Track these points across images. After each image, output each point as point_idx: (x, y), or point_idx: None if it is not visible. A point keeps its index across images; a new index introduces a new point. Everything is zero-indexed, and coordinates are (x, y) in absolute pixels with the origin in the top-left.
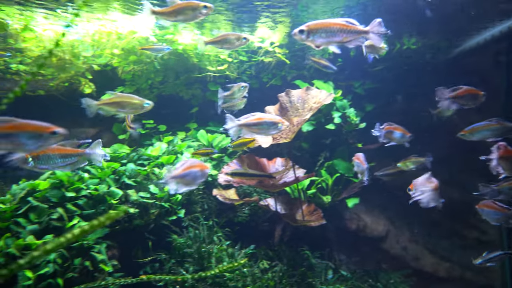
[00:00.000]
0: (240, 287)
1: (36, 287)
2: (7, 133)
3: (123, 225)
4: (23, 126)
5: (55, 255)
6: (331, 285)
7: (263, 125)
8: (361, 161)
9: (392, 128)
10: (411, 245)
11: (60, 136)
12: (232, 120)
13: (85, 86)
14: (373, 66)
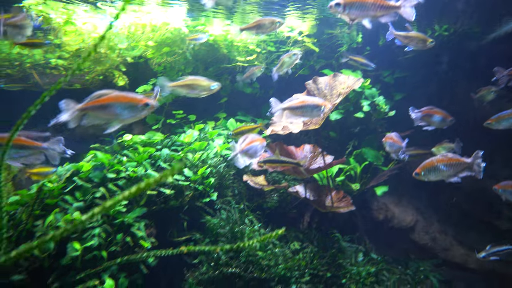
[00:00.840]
0: (273, 265)
1: (83, 258)
2: (105, 105)
3: (159, 205)
4: (119, 98)
5: (99, 229)
6: (362, 267)
7: (307, 108)
8: (395, 140)
9: (432, 111)
10: (440, 236)
11: (152, 108)
12: (277, 104)
13: (119, 78)
14: (403, 54)
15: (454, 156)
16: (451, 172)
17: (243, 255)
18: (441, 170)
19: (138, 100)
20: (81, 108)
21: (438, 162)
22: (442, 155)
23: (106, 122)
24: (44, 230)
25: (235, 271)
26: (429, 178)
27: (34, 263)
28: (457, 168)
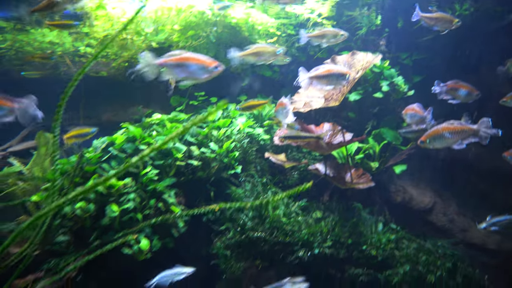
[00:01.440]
0: (296, 230)
1: (120, 219)
2: (181, 63)
3: (187, 176)
4: (193, 58)
5: (134, 194)
6: (382, 235)
7: (332, 77)
8: (417, 110)
9: (457, 85)
10: (458, 218)
11: (220, 71)
12: (304, 73)
13: None
14: (422, 36)
15: (459, 124)
16: (456, 139)
17: (268, 221)
18: (446, 137)
19: (209, 63)
20: (160, 63)
21: (443, 130)
22: (448, 123)
23: (180, 79)
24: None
25: (260, 235)
26: (434, 145)
27: (77, 223)
28: (462, 135)
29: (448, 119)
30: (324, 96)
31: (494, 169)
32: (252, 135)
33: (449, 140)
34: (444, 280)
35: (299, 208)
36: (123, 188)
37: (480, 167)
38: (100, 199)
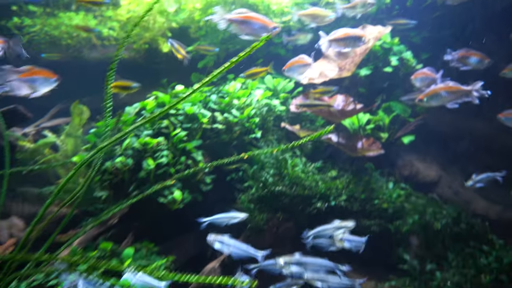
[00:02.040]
0: (314, 186)
1: (155, 172)
2: (246, 21)
3: (212, 139)
4: (256, 18)
5: (167, 151)
6: (392, 191)
7: (349, 39)
8: (428, 73)
9: (469, 53)
10: (463, 190)
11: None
12: (324, 37)
13: (164, 45)
14: (430, 14)
15: (455, 84)
16: (451, 98)
17: (287, 178)
18: (442, 96)
19: (269, 23)
20: (229, 18)
21: (440, 90)
22: (445, 84)
23: (244, 34)
24: (122, 151)
25: (281, 189)
26: (430, 103)
27: (117, 176)
28: (457, 94)
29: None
30: (338, 65)
31: (499, 145)
32: (269, 106)
33: (445, 98)
34: (449, 227)
35: (315, 169)
36: (157, 146)
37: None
38: (137, 155)
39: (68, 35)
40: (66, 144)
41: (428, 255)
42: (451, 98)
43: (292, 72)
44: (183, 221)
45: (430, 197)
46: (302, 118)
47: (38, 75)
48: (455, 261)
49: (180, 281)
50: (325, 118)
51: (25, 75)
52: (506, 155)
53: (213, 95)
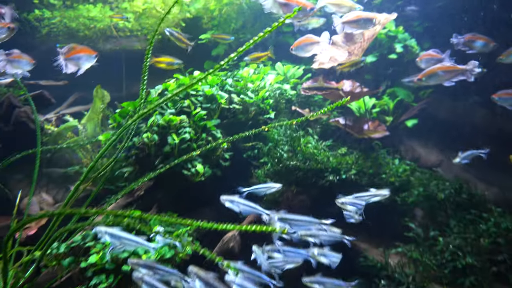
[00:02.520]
0: (325, 161)
1: (179, 147)
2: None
3: (229, 119)
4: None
5: (189, 128)
6: (399, 166)
7: (361, 21)
8: (433, 55)
9: (475, 37)
10: (462, 173)
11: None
12: (338, 19)
13: None
14: (434, 4)
15: (451, 64)
16: (448, 76)
17: (301, 154)
18: (439, 75)
19: (307, 5)
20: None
21: (438, 69)
22: (441, 64)
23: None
24: (148, 128)
25: (295, 164)
26: (429, 82)
27: (143, 151)
28: (453, 73)
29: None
30: (347, 49)
31: (498, 131)
32: (281, 89)
33: (442, 77)
34: (452, 197)
35: (326, 146)
36: (180, 123)
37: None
38: (161, 131)
39: (85, 27)
40: (86, 128)
41: (431, 224)
42: (447, 77)
43: (300, 51)
44: (204, 195)
45: (433, 171)
46: (310, 103)
47: (82, 53)
48: (457, 228)
49: (218, 229)
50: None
51: (71, 54)
52: (503, 139)
53: (229, 79)
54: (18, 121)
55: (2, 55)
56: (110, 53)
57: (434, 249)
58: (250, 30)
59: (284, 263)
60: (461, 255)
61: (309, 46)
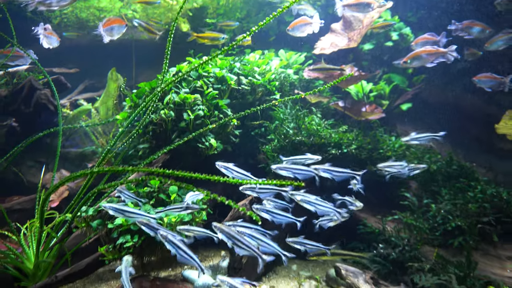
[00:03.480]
0: (328, 137)
1: (193, 122)
2: None
3: (238, 100)
4: None
5: (203, 106)
6: (395, 142)
7: (361, 5)
8: (429, 38)
9: (472, 24)
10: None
11: None
12: (339, 2)
13: (183, 25)
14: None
15: (433, 48)
16: (430, 59)
17: (305, 131)
18: (423, 57)
19: None
20: None
21: (421, 52)
22: (424, 47)
23: None
24: (164, 105)
25: (300, 139)
26: (413, 64)
27: (160, 126)
28: (434, 55)
29: None
30: (348, 35)
31: (485, 116)
32: (285, 73)
33: (425, 59)
34: (443, 168)
35: (328, 125)
36: (194, 101)
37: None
38: (177, 109)
39: (95, 17)
40: (99, 111)
41: (425, 193)
42: (430, 59)
43: (296, 31)
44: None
45: (427, 146)
46: (311, 88)
47: (114, 24)
48: (448, 195)
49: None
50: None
51: (105, 25)
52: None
53: (237, 63)
54: (39, 103)
55: (42, 28)
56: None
57: (427, 215)
58: (254, 19)
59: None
60: (451, 219)
61: (303, 27)
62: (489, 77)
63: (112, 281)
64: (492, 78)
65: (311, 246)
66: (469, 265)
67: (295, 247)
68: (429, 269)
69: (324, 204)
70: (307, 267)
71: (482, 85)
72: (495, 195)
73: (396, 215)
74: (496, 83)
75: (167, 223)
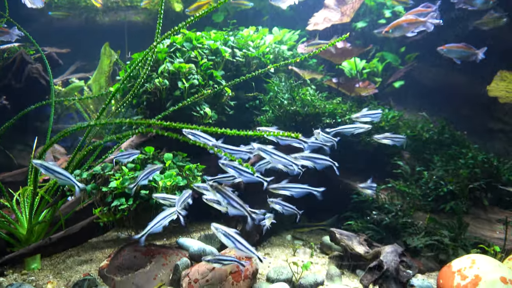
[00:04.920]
0: (322, 107)
1: (188, 91)
2: None
3: (233, 72)
4: None
5: (197, 76)
6: (388, 113)
7: None
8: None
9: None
10: None
11: None
12: None
13: (175, 4)
14: None
15: (413, 17)
16: (410, 27)
17: (299, 102)
18: (404, 27)
19: None
20: None
21: (403, 22)
22: (405, 17)
23: None
24: (158, 75)
25: (295, 109)
26: (394, 34)
27: (155, 95)
28: (415, 25)
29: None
30: (341, 10)
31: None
32: (279, 48)
33: (406, 28)
34: (435, 136)
35: (323, 97)
36: (189, 70)
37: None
38: (172, 78)
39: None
40: (92, 89)
41: (417, 162)
42: (410, 28)
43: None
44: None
45: (420, 115)
46: (305, 66)
47: None
48: (440, 162)
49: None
50: (328, 59)
51: None
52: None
53: (231, 36)
54: (30, 77)
55: None
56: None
57: (419, 182)
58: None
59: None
60: (443, 184)
61: None
62: (461, 47)
63: (107, 249)
64: (464, 48)
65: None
66: (460, 226)
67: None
68: (422, 232)
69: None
70: (301, 237)
71: (450, 55)
72: (486, 161)
73: (390, 184)
74: (467, 53)
75: (162, 187)
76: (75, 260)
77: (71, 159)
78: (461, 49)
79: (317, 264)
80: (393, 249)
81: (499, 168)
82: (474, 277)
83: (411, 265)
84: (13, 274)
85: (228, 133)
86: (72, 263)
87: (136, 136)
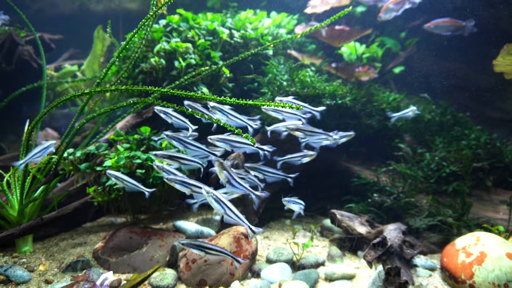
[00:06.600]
0: (322, 88)
1: (185, 71)
2: None
3: (230, 53)
4: None
5: (194, 55)
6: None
7: None
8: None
9: None
10: None
11: None
12: None
13: None
14: None
15: None
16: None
17: (299, 83)
18: (392, 8)
19: None
20: None
21: (390, 4)
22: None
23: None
24: (154, 54)
25: (294, 90)
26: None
27: (151, 75)
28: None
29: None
30: None
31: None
32: (277, 31)
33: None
34: (437, 117)
35: (322, 80)
36: (186, 50)
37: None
38: (168, 57)
39: None
40: (85, 74)
41: (419, 144)
42: (397, 8)
43: None
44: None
45: (422, 96)
46: (304, 51)
47: None
48: (442, 144)
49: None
50: (326, 42)
51: None
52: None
53: (229, 18)
54: (21, 59)
55: None
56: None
57: (421, 164)
58: None
59: None
60: (445, 165)
61: None
62: (447, 21)
63: (102, 233)
64: (450, 22)
65: (270, 173)
66: (463, 206)
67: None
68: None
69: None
70: (300, 222)
71: (438, 31)
72: (489, 142)
73: (391, 166)
74: (454, 27)
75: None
76: (69, 243)
77: (62, 139)
78: (447, 23)
79: (317, 247)
80: (396, 227)
81: (502, 150)
82: (480, 253)
83: (415, 244)
84: (3, 257)
85: (228, 101)
86: (65, 246)
87: (131, 116)
